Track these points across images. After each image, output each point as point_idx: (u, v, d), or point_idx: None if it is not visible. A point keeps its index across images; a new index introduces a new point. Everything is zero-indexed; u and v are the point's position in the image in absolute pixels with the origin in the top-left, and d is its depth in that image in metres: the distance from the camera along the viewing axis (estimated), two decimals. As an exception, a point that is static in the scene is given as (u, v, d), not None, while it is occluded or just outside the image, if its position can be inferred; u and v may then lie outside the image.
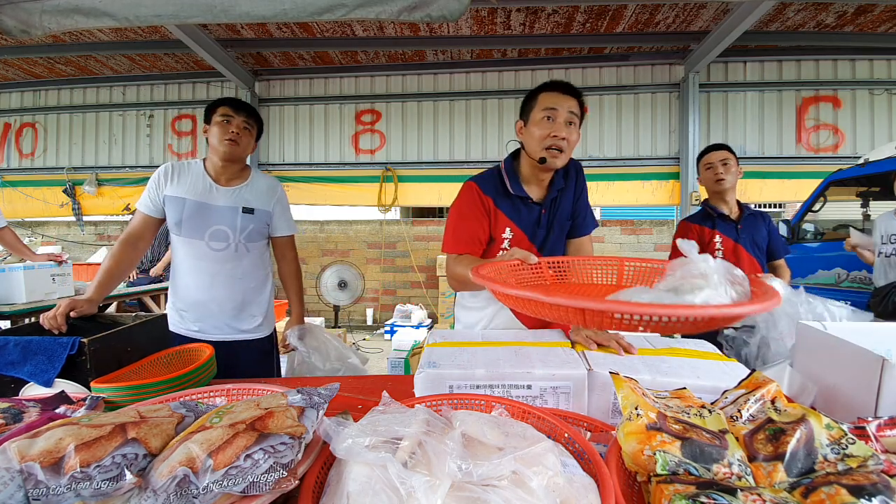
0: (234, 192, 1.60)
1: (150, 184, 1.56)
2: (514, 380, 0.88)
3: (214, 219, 1.55)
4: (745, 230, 2.10)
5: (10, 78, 5.49)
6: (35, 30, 1.76)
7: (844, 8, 3.81)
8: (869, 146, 4.49)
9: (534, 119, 1.27)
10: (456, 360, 0.94)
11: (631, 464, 0.59)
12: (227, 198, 1.58)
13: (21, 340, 1.01)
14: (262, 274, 1.68)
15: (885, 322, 1.02)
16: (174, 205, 1.53)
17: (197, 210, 1.54)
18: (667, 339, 1.15)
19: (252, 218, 1.60)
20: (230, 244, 1.57)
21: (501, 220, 1.34)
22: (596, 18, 4.03)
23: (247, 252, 1.62)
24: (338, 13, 1.67)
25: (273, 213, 1.67)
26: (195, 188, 1.55)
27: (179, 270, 1.60)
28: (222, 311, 1.59)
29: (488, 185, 1.35)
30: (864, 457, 0.56)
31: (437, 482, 0.48)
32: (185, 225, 1.54)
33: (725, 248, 2.07)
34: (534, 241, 1.37)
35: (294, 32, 4.40)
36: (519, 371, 0.88)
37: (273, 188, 1.69)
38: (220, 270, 1.57)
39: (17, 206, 5.66)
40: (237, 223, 1.57)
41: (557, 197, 1.37)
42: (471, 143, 5.14)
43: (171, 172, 1.57)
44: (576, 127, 1.27)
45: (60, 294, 2.89)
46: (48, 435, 0.54)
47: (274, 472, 0.52)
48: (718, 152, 2.15)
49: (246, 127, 1.57)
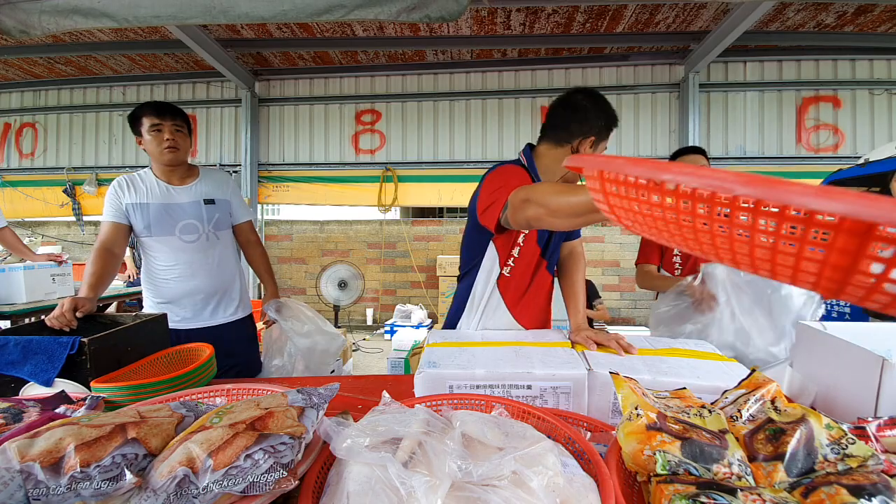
0: (191, 188, 1.70)
1: (109, 198, 1.62)
2: (515, 380, 0.88)
3: (181, 215, 1.65)
4: None
5: (10, 78, 5.49)
6: (34, 30, 1.77)
7: (844, 8, 3.81)
8: (869, 146, 4.49)
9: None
10: (456, 360, 0.94)
11: (631, 464, 0.59)
12: (187, 194, 1.68)
13: (21, 340, 1.01)
14: (233, 260, 1.82)
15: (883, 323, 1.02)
16: (139, 211, 1.61)
17: (162, 210, 1.63)
18: (667, 339, 1.16)
19: (215, 208, 1.72)
20: (200, 235, 1.68)
21: None
22: (596, 18, 4.02)
23: (217, 240, 1.73)
24: (337, 14, 1.67)
25: (231, 202, 1.79)
26: (153, 193, 1.64)
27: (155, 268, 1.68)
28: (205, 298, 1.71)
29: (524, 171, 1.29)
30: (864, 457, 0.56)
31: (437, 482, 0.48)
32: (154, 226, 1.62)
33: (682, 253, 1.87)
34: (539, 243, 1.37)
35: (294, 32, 4.40)
36: (519, 371, 0.89)
37: (225, 179, 1.81)
38: (196, 260, 1.68)
39: (17, 206, 5.65)
40: (203, 214, 1.69)
41: None
42: (471, 143, 5.13)
43: (125, 185, 1.63)
44: None
45: (60, 294, 2.89)
46: (48, 435, 0.54)
47: (274, 472, 0.52)
48: (691, 157, 1.84)
49: (178, 129, 1.63)
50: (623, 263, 5.39)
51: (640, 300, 5.37)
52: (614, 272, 5.39)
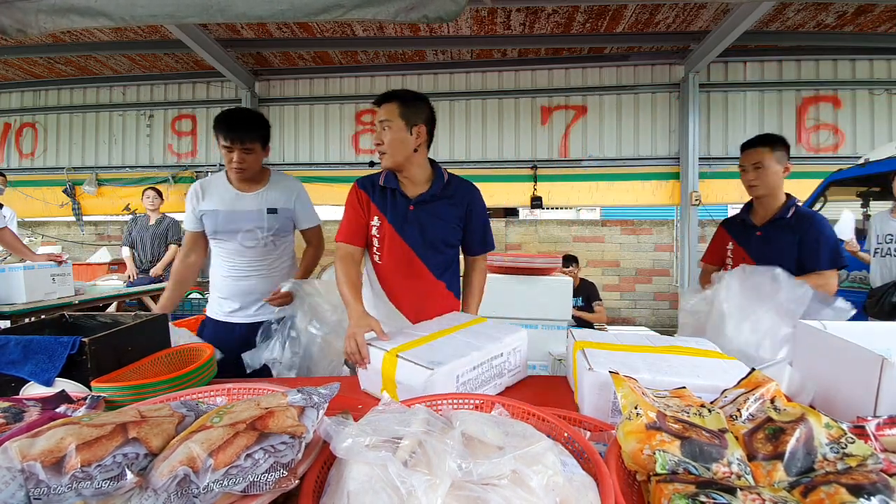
0: (258, 196, 1.78)
1: (188, 205, 1.79)
2: (493, 353, 1.06)
3: (245, 222, 1.74)
4: (762, 237, 1.73)
5: (10, 78, 5.49)
6: (31, 29, 1.76)
7: (844, 8, 3.81)
8: (869, 146, 4.49)
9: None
10: (439, 356, 1.00)
11: (630, 463, 0.59)
12: (252, 202, 1.76)
13: (22, 340, 1.02)
14: (287, 264, 1.88)
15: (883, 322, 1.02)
16: (210, 217, 1.75)
17: (229, 217, 1.74)
18: (667, 338, 1.16)
19: (276, 217, 1.78)
20: (259, 241, 1.76)
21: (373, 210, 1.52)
22: (596, 18, 4.02)
23: (274, 247, 1.81)
24: (335, 13, 1.67)
25: (295, 210, 1.84)
26: (223, 199, 1.75)
27: (219, 266, 1.81)
28: (257, 297, 1.79)
29: (365, 181, 1.56)
30: (863, 456, 0.56)
31: (437, 481, 0.48)
32: (220, 231, 1.75)
33: (735, 258, 1.79)
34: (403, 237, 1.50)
35: (294, 32, 4.40)
36: (491, 346, 1.07)
37: (292, 188, 1.86)
38: (252, 263, 1.78)
39: (17, 206, 5.63)
40: (264, 223, 1.76)
41: (431, 201, 1.50)
42: (471, 143, 5.14)
43: (199, 191, 1.78)
44: (390, 130, 1.42)
45: (60, 294, 2.89)
46: (49, 434, 0.54)
47: (274, 471, 0.52)
48: (750, 152, 1.72)
49: (247, 151, 1.68)
50: (623, 263, 5.39)
51: (640, 300, 5.37)
52: (614, 272, 5.39)
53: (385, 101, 1.43)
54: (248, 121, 1.69)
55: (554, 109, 5.04)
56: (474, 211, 1.56)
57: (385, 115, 1.42)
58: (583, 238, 5.43)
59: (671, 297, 5.32)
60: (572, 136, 5.03)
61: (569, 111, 5.03)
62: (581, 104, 5.01)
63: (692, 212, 4.74)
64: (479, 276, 1.63)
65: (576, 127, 5.02)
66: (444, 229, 1.52)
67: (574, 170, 5.03)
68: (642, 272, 5.37)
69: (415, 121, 1.43)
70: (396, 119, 1.42)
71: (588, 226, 5.50)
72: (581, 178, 5.03)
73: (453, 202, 1.53)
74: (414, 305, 1.52)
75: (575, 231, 5.46)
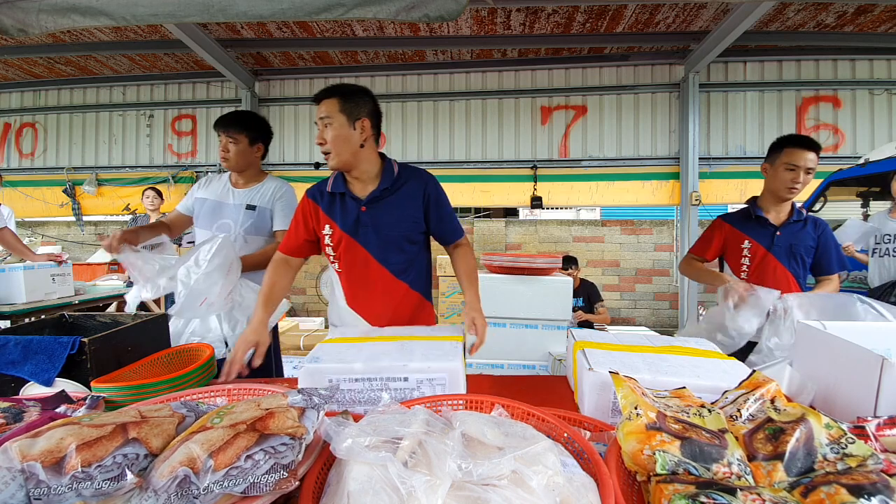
0: (246, 193, 1.88)
1: (191, 189, 1.94)
2: (392, 372, 0.91)
3: (223, 214, 1.85)
4: (783, 237, 1.79)
5: (10, 78, 5.48)
6: (32, 29, 1.76)
7: (844, 8, 3.81)
8: (869, 146, 4.49)
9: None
10: (340, 356, 0.97)
11: (631, 463, 0.59)
12: (239, 197, 1.87)
13: (22, 340, 1.01)
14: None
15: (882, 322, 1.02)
16: (199, 204, 1.90)
17: (213, 207, 1.87)
18: (667, 338, 1.16)
19: (253, 214, 1.85)
20: (230, 234, 1.81)
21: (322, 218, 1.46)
22: (596, 18, 4.02)
23: (245, 244, 1.84)
24: (336, 13, 1.67)
25: (273, 210, 1.88)
26: (216, 192, 1.90)
27: None
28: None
29: (313, 191, 1.50)
30: (863, 456, 0.56)
31: (437, 482, 0.48)
32: (200, 218, 1.88)
33: (753, 256, 1.82)
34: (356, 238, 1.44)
35: (294, 32, 4.39)
36: (396, 364, 0.92)
37: (277, 189, 1.91)
38: None
39: (17, 206, 5.64)
40: (240, 218, 1.84)
41: (383, 196, 1.43)
42: (471, 143, 5.13)
43: (204, 181, 1.96)
44: (332, 127, 1.35)
45: (60, 294, 2.89)
46: (49, 435, 0.54)
47: (274, 472, 0.52)
48: (810, 154, 1.72)
49: (231, 140, 1.82)
50: (623, 263, 5.39)
51: (640, 300, 5.37)
52: (614, 272, 5.39)
53: (324, 98, 1.36)
54: (239, 115, 1.88)
55: (554, 109, 5.04)
56: (433, 198, 1.47)
57: (325, 112, 1.34)
58: (583, 238, 5.43)
59: (671, 297, 5.32)
60: (572, 136, 5.03)
61: (569, 111, 5.03)
62: (581, 104, 5.01)
63: (692, 212, 4.73)
64: (464, 262, 1.50)
65: (576, 127, 5.02)
66: (402, 224, 1.44)
67: (574, 170, 5.03)
68: (642, 272, 5.37)
69: (357, 115, 1.35)
70: (337, 115, 1.34)
71: (588, 226, 5.50)
72: (581, 178, 5.03)
73: (408, 194, 1.45)
74: (375, 310, 1.46)
75: (575, 231, 5.47)
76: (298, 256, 1.51)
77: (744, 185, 4.66)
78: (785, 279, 1.79)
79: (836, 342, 0.83)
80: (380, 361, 0.92)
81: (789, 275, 1.79)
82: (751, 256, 1.83)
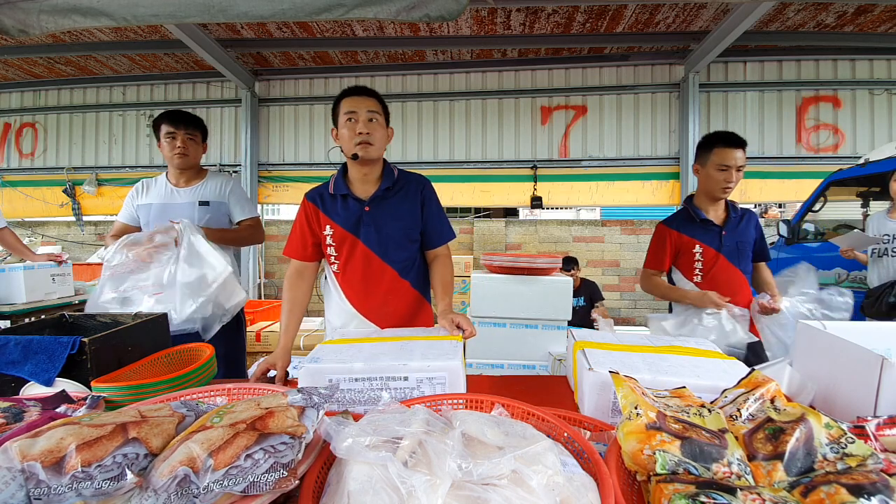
0: (192, 190, 1.90)
1: (126, 201, 1.91)
2: (392, 372, 0.91)
3: (175, 214, 1.80)
4: (729, 236, 1.83)
5: (10, 78, 5.48)
6: (33, 29, 1.76)
7: (844, 8, 3.81)
8: (869, 146, 4.49)
9: (341, 123, 1.43)
10: (340, 356, 0.97)
11: (631, 463, 0.59)
12: (187, 196, 1.89)
13: (22, 340, 1.02)
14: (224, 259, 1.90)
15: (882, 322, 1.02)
16: (143, 211, 1.88)
17: (161, 210, 1.85)
18: (667, 338, 1.16)
19: (208, 209, 1.87)
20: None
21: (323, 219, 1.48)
22: (596, 18, 4.02)
23: None
24: (336, 13, 1.66)
25: (229, 203, 1.93)
26: (159, 195, 1.89)
27: None
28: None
29: (313, 193, 1.52)
30: (863, 456, 0.56)
31: (437, 481, 0.48)
32: (152, 223, 1.82)
33: (706, 259, 1.83)
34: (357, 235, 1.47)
35: (294, 32, 4.39)
36: (396, 363, 0.91)
37: (225, 182, 1.96)
38: None
39: (17, 206, 5.65)
40: (195, 214, 1.84)
41: (385, 197, 1.48)
42: (471, 143, 5.13)
43: (141, 189, 1.93)
44: (378, 122, 1.41)
45: (60, 294, 2.89)
46: (49, 434, 0.54)
47: (274, 471, 0.52)
48: (739, 152, 1.76)
49: (190, 138, 1.86)
50: (623, 263, 5.39)
51: (639, 300, 5.37)
52: (614, 272, 5.39)
53: (370, 95, 1.42)
54: (189, 114, 1.91)
55: (554, 109, 5.04)
56: (428, 201, 1.52)
57: (375, 107, 1.41)
58: (583, 238, 5.43)
59: (671, 297, 5.32)
60: (572, 136, 5.03)
61: (569, 111, 5.03)
62: (581, 104, 5.01)
63: (690, 212, 4.74)
64: (443, 270, 1.51)
65: (576, 127, 5.02)
66: (403, 222, 1.48)
67: (574, 170, 5.03)
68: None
69: (387, 121, 1.48)
70: (381, 114, 1.43)
71: (588, 226, 5.50)
72: (581, 178, 5.03)
73: (407, 194, 1.50)
74: (378, 309, 1.48)
75: (575, 231, 5.46)
76: (312, 261, 1.53)
77: (744, 185, 4.66)
78: (737, 278, 1.82)
79: (835, 342, 0.83)
80: (379, 361, 0.93)
81: (740, 273, 1.84)
82: (703, 261, 1.84)
